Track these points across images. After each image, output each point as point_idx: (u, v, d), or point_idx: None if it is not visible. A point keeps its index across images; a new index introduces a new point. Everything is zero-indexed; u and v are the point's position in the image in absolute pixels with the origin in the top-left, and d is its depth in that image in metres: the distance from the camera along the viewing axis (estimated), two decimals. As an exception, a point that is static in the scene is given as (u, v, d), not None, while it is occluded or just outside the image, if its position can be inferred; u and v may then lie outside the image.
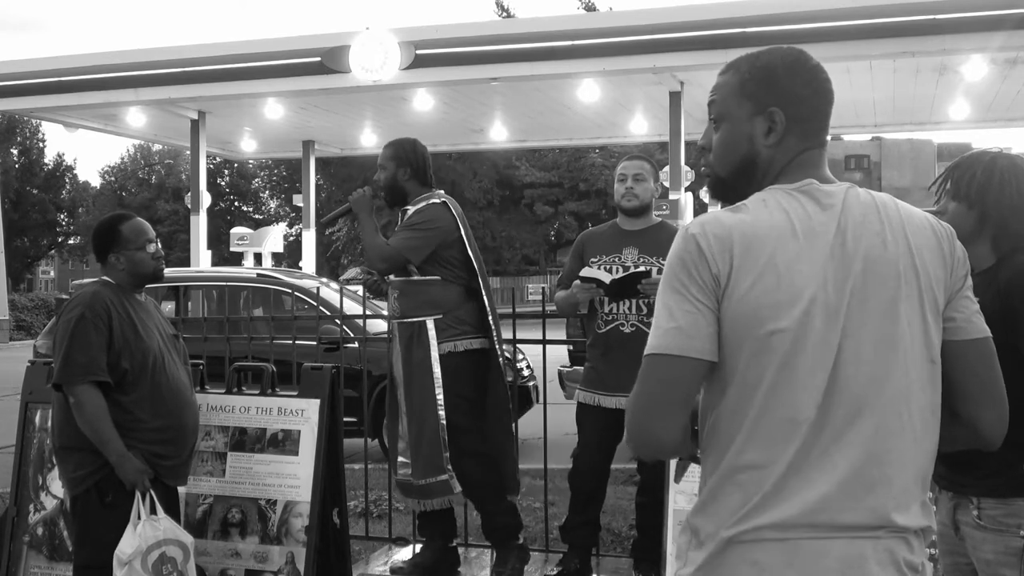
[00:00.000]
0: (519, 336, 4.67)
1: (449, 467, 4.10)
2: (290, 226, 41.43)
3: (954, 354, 1.63)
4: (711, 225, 1.56)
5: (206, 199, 16.42)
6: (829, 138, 1.74)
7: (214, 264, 19.16)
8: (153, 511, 3.30)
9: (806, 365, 1.51)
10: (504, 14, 37.37)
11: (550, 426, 4.65)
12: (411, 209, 4.21)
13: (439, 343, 4.09)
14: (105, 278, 3.49)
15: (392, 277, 4.20)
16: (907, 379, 1.54)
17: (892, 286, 1.55)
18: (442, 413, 4.07)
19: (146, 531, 3.26)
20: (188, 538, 3.44)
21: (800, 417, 1.51)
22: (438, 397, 4.08)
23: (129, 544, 3.22)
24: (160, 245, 3.61)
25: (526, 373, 8.18)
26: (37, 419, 4.15)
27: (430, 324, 4.11)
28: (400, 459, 4.25)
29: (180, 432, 3.44)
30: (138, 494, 3.28)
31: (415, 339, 4.12)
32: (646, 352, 1.55)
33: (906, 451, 1.54)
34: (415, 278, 4.15)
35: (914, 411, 1.55)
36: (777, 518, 1.49)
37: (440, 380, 4.08)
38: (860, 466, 1.51)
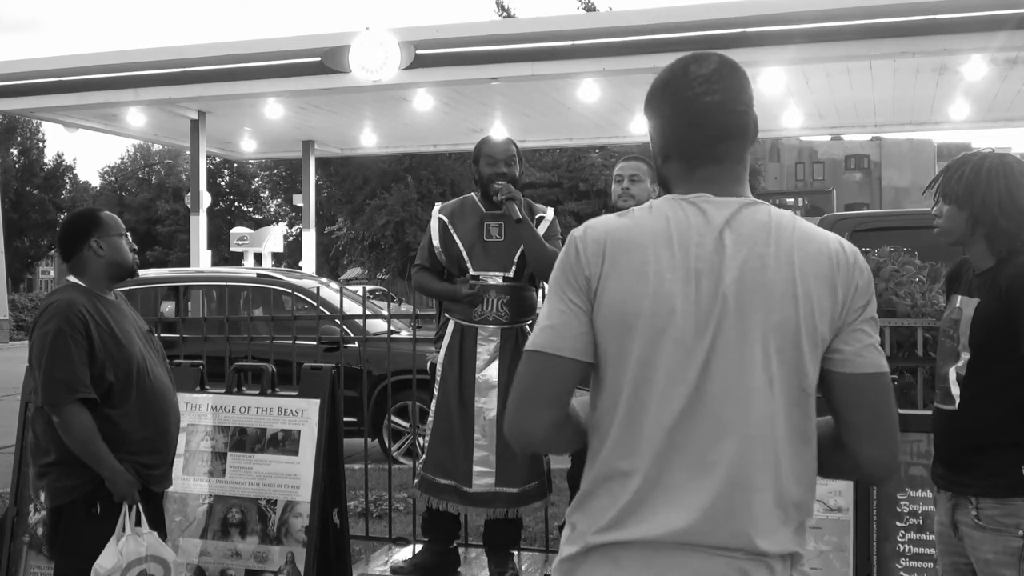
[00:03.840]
0: (519, 336, 4.67)
1: (547, 469, 4.21)
2: (290, 226, 41.42)
3: (838, 385, 1.56)
4: (592, 229, 1.59)
5: (206, 199, 16.39)
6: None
7: (214, 264, 19.16)
8: (138, 523, 3.16)
9: (667, 374, 1.51)
10: (504, 14, 37.34)
11: (550, 426, 4.66)
12: (541, 214, 4.24)
13: None
14: (74, 280, 3.25)
15: (501, 282, 4.14)
16: (774, 405, 1.51)
17: (763, 309, 1.51)
18: None
19: (129, 547, 3.11)
20: (170, 555, 3.31)
21: (658, 427, 1.51)
22: None
23: (109, 560, 3.07)
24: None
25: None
26: (37, 419, 4.14)
27: (527, 329, 4.23)
28: (477, 468, 4.09)
29: (165, 439, 3.30)
30: (125, 505, 3.13)
31: (519, 343, 4.14)
32: (524, 348, 1.60)
33: (770, 477, 1.51)
34: (523, 284, 4.20)
35: (780, 437, 1.52)
36: (640, 535, 1.50)
37: None
38: (723, 490, 1.49)
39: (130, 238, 3.37)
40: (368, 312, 5.02)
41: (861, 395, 1.56)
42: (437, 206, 4.41)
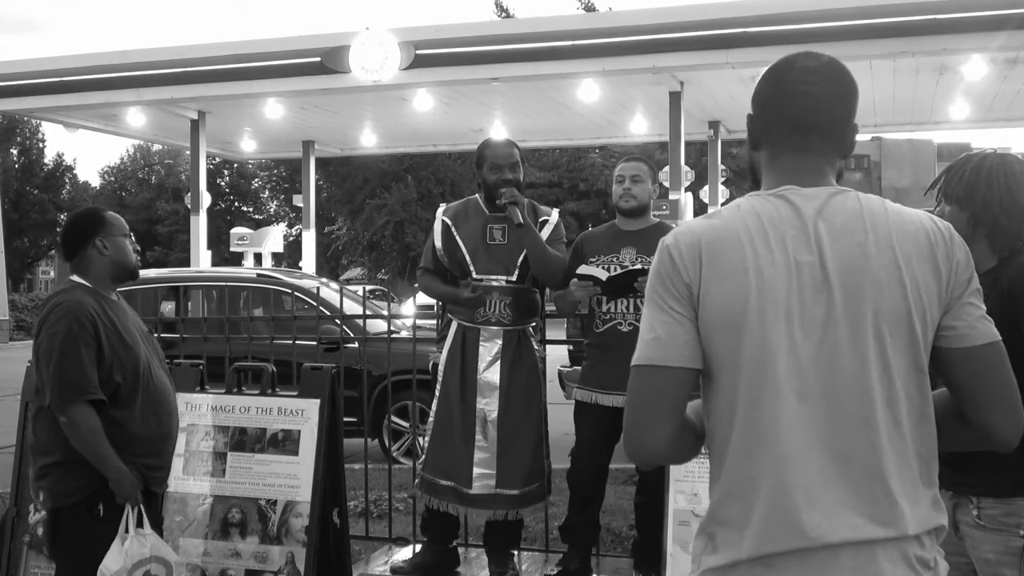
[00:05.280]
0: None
1: (548, 471, 4.22)
2: (290, 226, 41.42)
3: (958, 361, 1.58)
4: (683, 235, 1.58)
5: (206, 199, 16.39)
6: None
7: (214, 264, 19.16)
8: (140, 524, 3.15)
9: (782, 371, 1.49)
10: (503, 14, 37.33)
11: (550, 426, 4.65)
12: (545, 217, 4.24)
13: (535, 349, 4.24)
14: (79, 280, 3.22)
15: (504, 283, 4.14)
16: (894, 391, 1.52)
17: (872, 297, 1.51)
18: (545, 418, 4.22)
19: (133, 547, 3.11)
20: (173, 556, 3.31)
21: (780, 426, 1.49)
22: (544, 402, 4.22)
23: (115, 561, 3.07)
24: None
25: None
26: (37, 419, 4.14)
27: (531, 331, 4.23)
28: (478, 470, 4.09)
29: (167, 441, 3.30)
30: (128, 507, 3.12)
31: (521, 345, 4.15)
32: (631, 364, 1.57)
33: (902, 461, 1.52)
34: (525, 286, 4.19)
35: (904, 419, 1.53)
36: (790, 546, 1.48)
37: (542, 386, 4.22)
38: (860, 482, 1.49)
39: (134, 239, 3.36)
40: (368, 312, 5.02)
41: (983, 366, 1.58)
42: (441, 208, 4.41)
